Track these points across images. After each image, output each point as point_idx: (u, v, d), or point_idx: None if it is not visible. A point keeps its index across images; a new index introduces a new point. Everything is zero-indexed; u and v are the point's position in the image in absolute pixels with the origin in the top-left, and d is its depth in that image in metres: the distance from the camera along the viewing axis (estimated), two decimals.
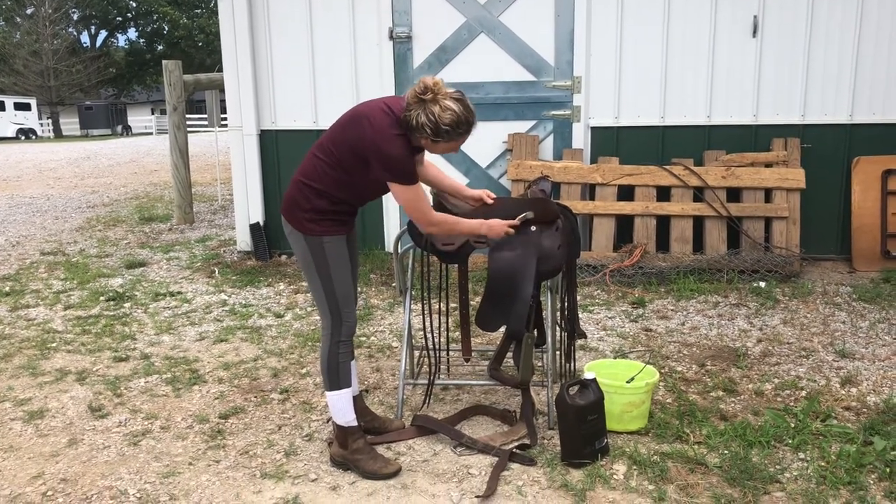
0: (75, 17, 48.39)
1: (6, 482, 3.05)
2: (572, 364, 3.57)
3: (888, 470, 2.91)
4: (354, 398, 3.22)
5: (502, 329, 3.32)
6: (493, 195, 3.35)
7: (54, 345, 4.70)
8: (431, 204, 3.29)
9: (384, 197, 6.50)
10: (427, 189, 3.13)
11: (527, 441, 3.21)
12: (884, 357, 4.20)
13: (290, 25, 6.52)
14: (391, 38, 6.39)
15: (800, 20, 6.00)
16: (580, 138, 6.32)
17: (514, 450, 3.13)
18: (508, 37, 6.28)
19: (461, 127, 2.83)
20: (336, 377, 3.05)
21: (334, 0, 6.41)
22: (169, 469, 3.12)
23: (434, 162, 6.25)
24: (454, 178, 6.37)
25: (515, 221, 3.20)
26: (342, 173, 2.91)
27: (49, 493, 2.96)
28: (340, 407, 3.07)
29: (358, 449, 3.05)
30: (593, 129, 6.32)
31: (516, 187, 6.15)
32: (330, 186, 2.94)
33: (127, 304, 5.55)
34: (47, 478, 3.08)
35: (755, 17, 6.02)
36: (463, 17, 6.32)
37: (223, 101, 8.44)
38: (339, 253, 3.01)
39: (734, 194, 6.05)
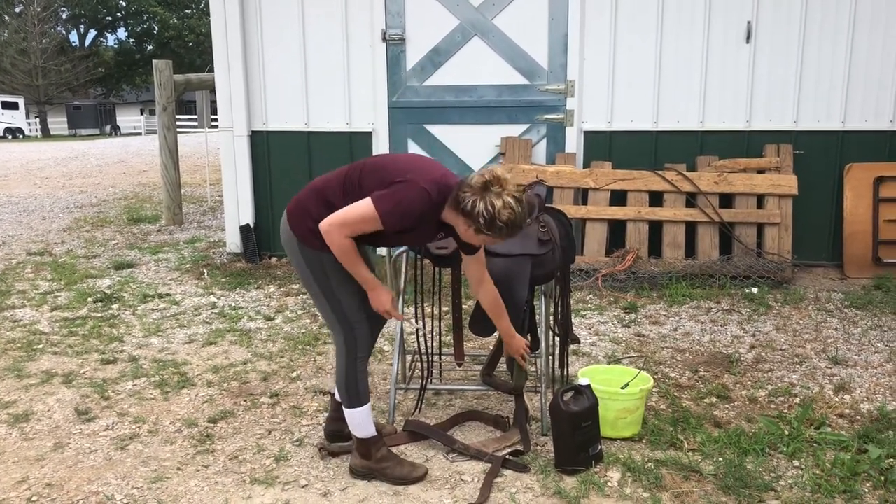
0: (64, 15, 48.16)
1: None
2: (565, 369, 3.55)
3: (883, 478, 2.90)
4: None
5: (495, 334, 3.30)
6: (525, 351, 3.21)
7: (40, 346, 4.63)
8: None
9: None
10: None
11: (520, 447, 3.18)
12: (876, 364, 4.20)
13: (282, 26, 6.47)
14: (384, 39, 6.36)
15: (793, 26, 6.01)
16: (573, 142, 6.31)
17: (508, 456, 3.10)
18: (502, 40, 6.26)
19: (514, 228, 2.65)
20: (356, 395, 2.94)
21: (327, 1, 6.37)
22: (157, 474, 3.07)
23: None
24: None
25: (395, 310, 2.94)
26: (360, 197, 2.73)
27: (34, 498, 2.90)
28: (361, 420, 2.97)
29: (383, 457, 2.98)
30: (586, 133, 6.31)
31: None
32: (327, 204, 2.78)
33: (115, 306, 5.49)
34: (32, 483, 3.02)
35: (749, 22, 6.03)
36: (456, 19, 6.29)
37: (213, 102, 8.39)
38: (339, 267, 2.82)
39: (727, 200, 6.05)
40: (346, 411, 2.98)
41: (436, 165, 2.82)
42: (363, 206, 2.67)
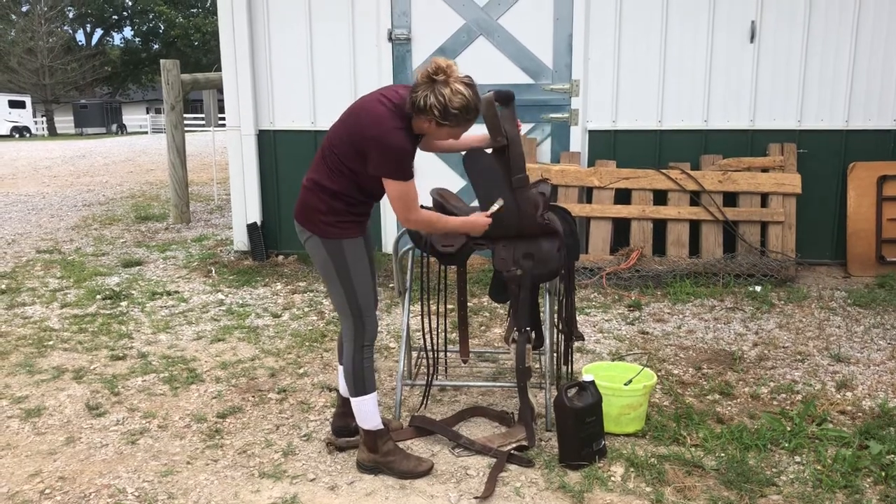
0: (71, 15, 48.29)
1: (4, 480, 3.04)
2: (570, 366, 3.59)
3: (884, 474, 2.93)
4: (346, 400, 3.21)
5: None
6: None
7: (51, 343, 4.69)
8: (431, 205, 3.32)
9: (382, 199, 6.52)
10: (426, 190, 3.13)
11: (525, 442, 3.22)
12: (879, 361, 4.23)
13: (289, 26, 6.52)
14: (390, 39, 6.41)
15: (797, 26, 6.04)
16: (578, 141, 6.34)
17: (512, 451, 3.14)
18: (507, 40, 6.30)
19: (469, 113, 2.77)
20: (362, 382, 3.00)
21: (334, 1, 6.42)
22: (167, 468, 3.12)
23: (431, 160, 6.22)
24: (451, 180, 6.39)
25: (488, 214, 3.15)
26: (349, 171, 2.86)
27: (47, 491, 2.96)
28: (367, 411, 3.01)
29: (389, 451, 3.02)
30: (591, 132, 6.34)
31: None
32: (344, 186, 2.88)
33: (124, 303, 5.54)
34: (45, 476, 3.07)
35: (753, 22, 6.05)
36: (462, 19, 6.33)
37: (220, 101, 8.45)
38: (359, 255, 2.96)
39: (730, 199, 6.08)
40: (353, 402, 3.03)
41: (379, 98, 2.84)
42: (391, 187, 2.82)
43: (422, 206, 3.16)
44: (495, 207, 3.15)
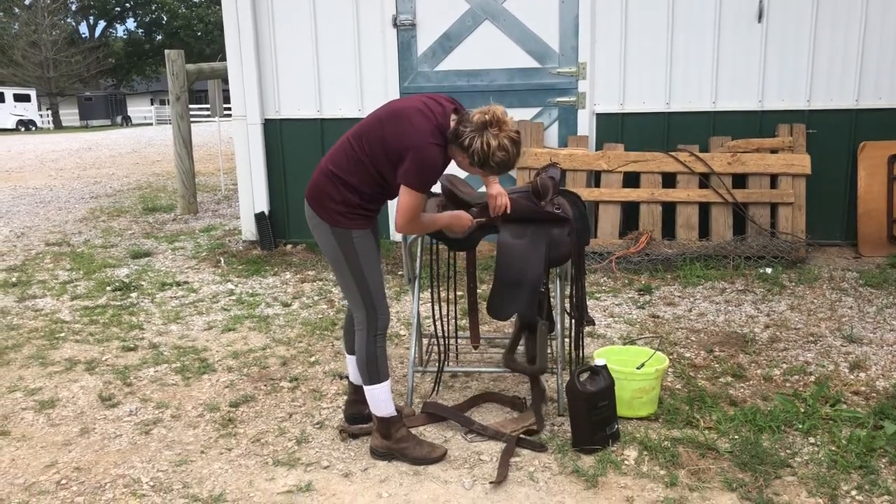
0: (73, 7, 48.29)
1: (20, 471, 3.06)
2: (581, 351, 3.58)
3: None
4: (358, 388, 3.23)
5: (512, 317, 3.33)
6: (502, 204, 3.26)
7: (63, 335, 4.71)
8: (440, 191, 3.31)
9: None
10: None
11: (534, 427, 3.21)
12: (892, 342, 4.20)
13: (293, 13, 6.49)
14: (395, 25, 6.37)
15: (805, 5, 5.97)
16: (585, 125, 6.31)
17: (524, 436, 3.14)
18: (513, 23, 6.26)
19: (505, 168, 2.83)
20: (376, 370, 3.02)
21: None
22: (181, 457, 3.13)
23: None
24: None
25: (474, 223, 3.20)
26: (373, 169, 2.85)
27: (63, 481, 2.97)
28: (382, 399, 3.03)
29: (402, 437, 3.03)
30: (598, 115, 6.31)
31: (521, 175, 6.14)
32: (363, 181, 2.88)
33: (134, 294, 5.56)
34: (61, 466, 3.09)
35: (760, 1, 5.99)
36: (467, 3, 6.29)
37: (225, 91, 8.43)
38: (369, 246, 2.98)
39: (740, 180, 6.04)
40: (367, 389, 3.05)
41: (424, 111, 2.84)
42: (406, 197, 2.83)
43: (431, 194, 3.16)
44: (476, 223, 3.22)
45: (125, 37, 51.32)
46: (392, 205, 6.77)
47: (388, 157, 2.82)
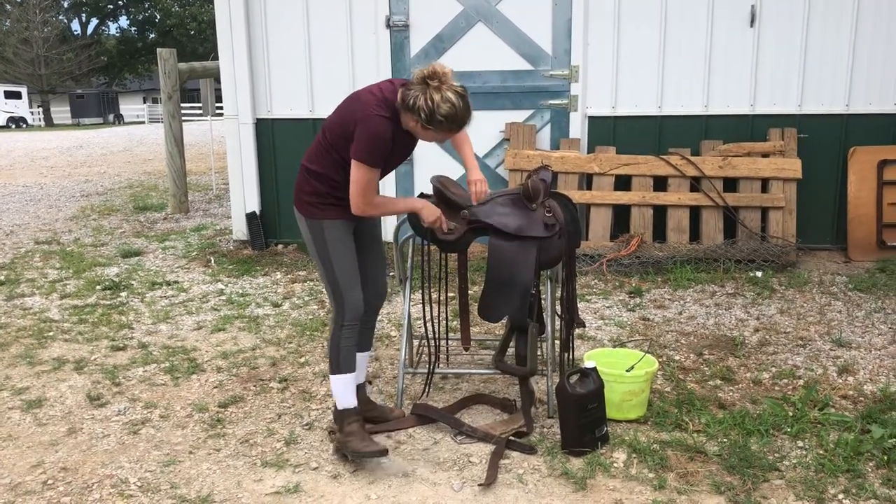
0: (66, 4, 48.05)
1: (6, 471, 3.04)
2: (571, 353, 3.58)
3: (886, 457, 2.93)
4: (357, 388, 3.23)
5: (503, 320, 3.33)
6: (481, 190, 3.27)
7: (51, 334, 4.68)
8: (431, 192, 3.31)
9: (381, 188, 6.49)
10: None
11: (523, 429, 3.21)
12: (880, 346, 4.23)
13: (286, 13, 6.48)
14: (388, 26, 6.36)
15: (797, 9, 6.00)
16: (577, 128, 6.32)
17: (514, 438, 3.14)
18: (506, 25, 6.26)
19: (454, 123, 2.86)
20: (337, 361, 3.08)
21: None
22: (169, 458, 3.11)
23: (432, 148, 6.19)
24: (451, 167, 6.37)
25: (444, 228, 3.19)
26: (337, 155, 2.96)
27: (49, 481, 2.96)
28: (338, 391, 3.10)
29: (351, 431, 3.04)
30: (590, 118, 6.32)
31: (514, 177, 6.15)
32: (328, 169, 2.99)
33: (123, 293, 5.53)
34: (47, 466, 3.07)
35: (752, 6, 6.01)
36: (460, 5, 6.29)
37: (218, 90, 8.40)
38: (340, 237, 3.05)
39: (731, 184, 6.06)
40: (330, 378, 3.13)
41: (371, 89, 2.97)
42: (355, 171, 2.89)
43: (422, 194, 3.30)
44: (451, 226, 3.22)
45: (118, 35, 51.10)
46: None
47: (346, 138, 2.91)
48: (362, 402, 3.29)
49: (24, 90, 42.38)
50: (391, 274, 5.79)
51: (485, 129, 6.37)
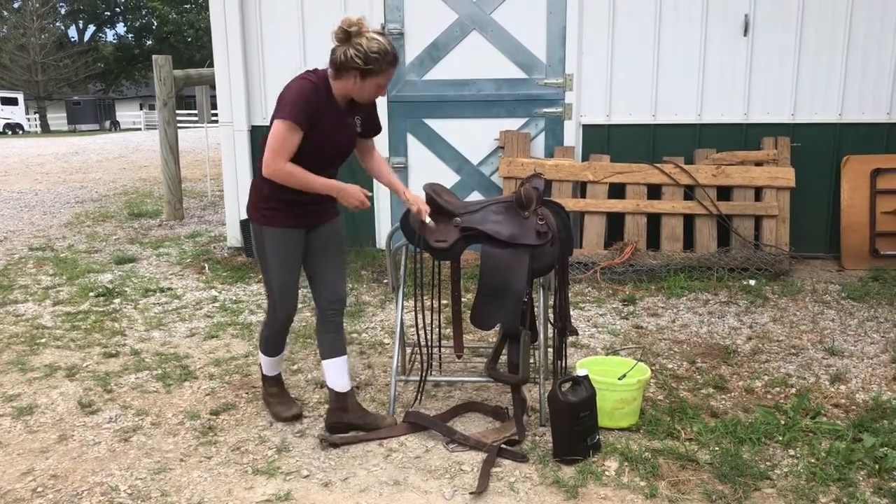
0: (63, 11, 48.07)
1: None
2: (563, 361, 3.58)
3: (877, 466, 2.94)
4: (345, 394, 3.30)
5: (496, 327, 3.33)
6: (426, 209, 3.27)
7: (43, 340, 4.67)
8: (425, 199, 3.31)
9: (375, 195, 6.49)
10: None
11: (515, 437, 3.21)
12: (872, 355, 4.23)
13: (281, 21, 6.49)
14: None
15: (790, 19, 6.03)
16: (571, 136, 6.33)
17: (506, 446, 3.14)
18: (500, 34, 6.28)
19: (388, 56, 2.98)
20: (265, 345, 3.45)
21: None
22: (160, 465, 3.10)
23: (427, 156, 6.22)
24: (445, 175, 6.39)
25: (362, 198, 3.12)
26: None
27: (39, 489, 2.94)
28: (265, 365, 3.52)
29: (272, 393, 3.53)
30: (585, 126, 6.33)
31: (508, 185, 6.16)
32: (266, 177, 3.07)
33: (117, 300, 5.52)
34: (37, 474, 3.06)
35: (746, 15, 6.05)
36: (455, 13, 6.31)
37: (213, 97, 8.41)
38: (282, 245, 3.16)
39: (724, 193, 6.08)
40: (259, 353, 3.50)
41: (297, 76, 3.10)
42: (273, 129, 2.96)
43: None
44: (427, 219, 3.25)
45: (115, 41, 51.11)
46: (378, 211, 6.76)
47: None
48: (353, 408, 3.32)
49: (20, 96, 42.33)
50: (385, 281, 5.79)
51: (479, 137, 6.39)
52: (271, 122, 2.99)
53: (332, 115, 3.05)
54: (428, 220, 3.24)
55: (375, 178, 3.45)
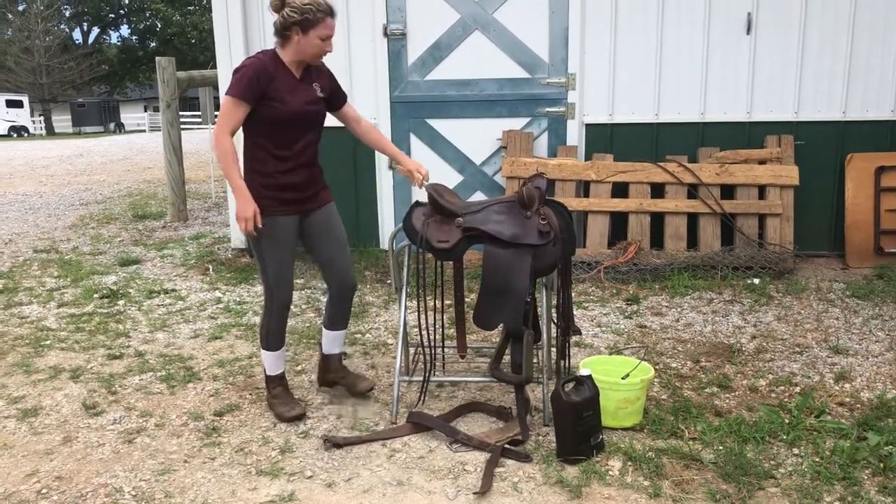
0: (67, 13, 48.20)
1: (0, 480, 3.04)
2: (567, 361, 3.58)
3: (882, 465, 2.93)
4: (330, 357, 3.70)
5: (499, 327, 3.33)
6: (425, 172, 3.51)
7: (48, 342, 4.68)
8: (426, 200, 3.32)
9: (378, 195, 6.51)
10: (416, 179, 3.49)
11: (519, 437, 3.21)
12: (877, 353, 4.22)
13: None
14: (385, 34, 6.38)
15: (793, 17, 6.02)
16: (574, 135, 6.33)
17: (509, 446, 3.13)
18: (503, 33, 6.28)
19: (321, 6, 3.18)
20: (265, 341, 3.50)
21: None
22: (164, 466, 3.11)
23: (429, 156, 6.22)
24: (448, 175, 6.39)
25: (248, 224, 3.21)
26: (252, 138, 3.28)
27: (44, 490, 2.95)
28: (266, 362, 3.56)
29: (276, 394, 3.55)
30: (588, 126, 6.33)
31: (511, 184, 6.15)
32: (249, 159, 3.30)
33: (121, 302, 5.54)
34: (42, 475, 3.07)
35: (749, 13, 6.03)
36: (457, 13, 6.31)
37: (216, 98, 8.42)
38: (276, 232, 3.28)
39: (728, 191, 6.07)
40: (262, 350, 3.54)
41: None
42: (222, 101, 3.25)
43: (417, 203, 3.40)
44: (423, 185, 3.43)
45: (119, 44, 51.24)
46: (381, 212, 6.75)
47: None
48: (335, 370, 3.72)
49: (25, 99, 42.50)
50: (388, 282, 5.79)
51: (482, 136, 6.39)
52: None
53: (287, 83, 3.24)
54: (424, 185, 3.40)
55: (374, 149, 3.70)
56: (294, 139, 3.29)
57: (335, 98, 3.50)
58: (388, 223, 6.62)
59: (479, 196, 6.35)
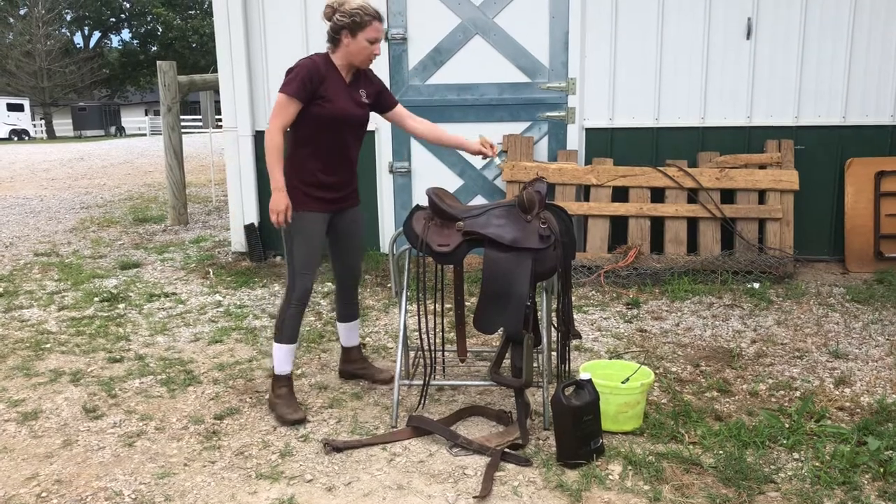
0: (68, 17, 48.28)
1: (0, 484, 3.03)
2: (567, 365, 3.58)
3: (882, 470, 2.93)
4: (350, 349, 3.92)
5: (499, 331, 3.33)
6: (493, 145, 3.58)
7: (48, 346, 4.68)
8: (427, 204, 3.33)
9: (378, 199, 6.51)
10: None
11: (519, 441, 3.21)
12: (877, 357, 4.22)
13: (284, 26, 6.51)
14: (386, 39, 6.39)
15: (793, 23, 6.03)
16: (575, 139, 6.34)
17: (509, 450, 3.13)
18: (503, 38, 6.29)
19: (369, 10, 3.34)
20: (281, 330, 3.52)
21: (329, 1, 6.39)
22: (164, 470, 3.11)
23: (430, 160, 6.22)
24: (448, 179, 6.39)
25: (280, 217, 3.36)
26: (293, 135, 3.40)
27: (43, 494, 2.95)
28: (278, 357, 3.56)
29: (280, 395, 3.55)
30: (588, 130, 6.34)
31: (511, 189, 6.16)
32: (291, 155, 3.42)
33: (121, 305, 5.54)
34: (42, 479, 3.07)
35: (749, 19, 6.05)
36: (458, 18, 6.32)
37: (217, 102, 8.44)
38: (306, 228, 3.42)
39: (728, 196, 6.07)
40: (274, 345, 3.56)
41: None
42: (277, 100, 3.33)
43: (417, 207, 3.43)
44: (497, 161, 3.47)
45: (120, 47, 51.31)
46: (381, 216, 6.75)
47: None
48: (355, 360, 3.94)
49: (26, 103, 42.55)
50: (388, 285, 5.80)
51: None
52: None
53: (339, 85, 3.41)
54: (498, 160, 3.52)
55: (436, 143, 3.82)
56: (336, 139, 3.43)
57: (383, 100, 3.68)
58: (388, 227, 6.63)
59: (479, 200, 6.36)
